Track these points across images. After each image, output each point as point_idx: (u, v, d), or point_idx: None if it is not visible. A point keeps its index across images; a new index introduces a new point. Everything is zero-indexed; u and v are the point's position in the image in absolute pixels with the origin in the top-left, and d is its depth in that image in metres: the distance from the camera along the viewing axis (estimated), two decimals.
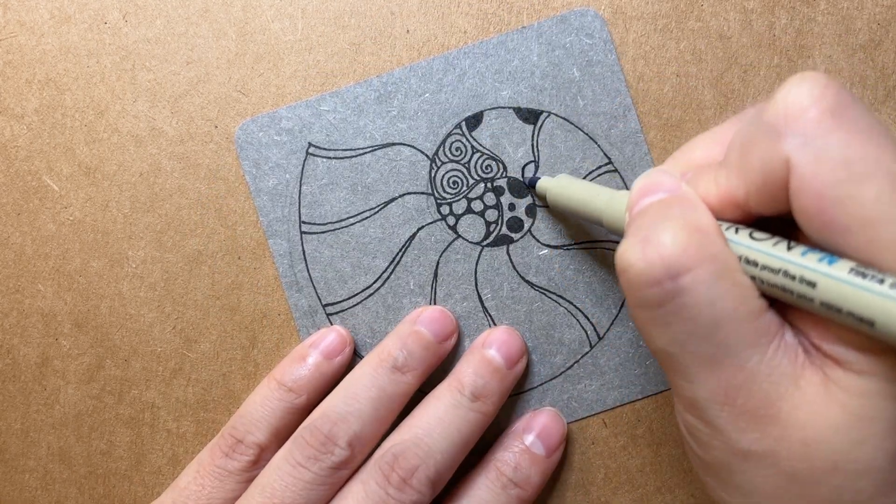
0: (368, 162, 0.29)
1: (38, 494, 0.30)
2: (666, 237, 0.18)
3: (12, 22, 0.29)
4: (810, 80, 0.17)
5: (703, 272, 0.17)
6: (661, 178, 0.20)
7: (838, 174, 0.16)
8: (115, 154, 0.29)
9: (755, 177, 0.18)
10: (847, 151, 0.16)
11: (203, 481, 0.26)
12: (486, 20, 0.29)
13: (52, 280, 0.29)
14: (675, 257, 0.18)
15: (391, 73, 0.29)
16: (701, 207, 0.19)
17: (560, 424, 0.28)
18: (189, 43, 0.29)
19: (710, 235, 0.18)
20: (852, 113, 0.17)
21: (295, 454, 0.25)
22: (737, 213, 0.19)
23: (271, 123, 0.29)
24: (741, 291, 0.18)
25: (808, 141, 0.16)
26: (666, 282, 0.18)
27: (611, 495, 0.29)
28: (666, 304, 0.18)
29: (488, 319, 0.29)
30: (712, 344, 0.18)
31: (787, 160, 0.17)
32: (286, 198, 0.29)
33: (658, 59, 0.29)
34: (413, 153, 0.29)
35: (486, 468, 0.27)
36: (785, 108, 0.17)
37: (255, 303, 0.29)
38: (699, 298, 0.17)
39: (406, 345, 0.27)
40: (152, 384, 0.29)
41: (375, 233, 0.29)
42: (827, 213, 0.16)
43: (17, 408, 0.30)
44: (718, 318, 0.18)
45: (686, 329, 0.18)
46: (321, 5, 0.29)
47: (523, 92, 0.29)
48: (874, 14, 0.28)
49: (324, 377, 0.28)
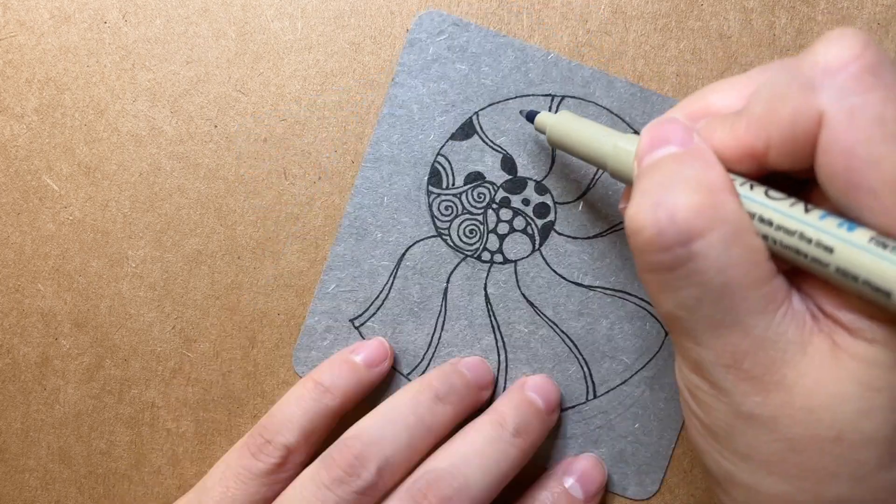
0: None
1: (37, 494, 0.30)
2: (678, 200, 0.17)
3: (12, 21, 0.29)
4: (850, 36, 0.17)
5: (716, 237, 0.17)
6: (672, 129, 0.20)
7: (872, 132, 0.16)
8: (115, 154, 0.29)
9: (783, 129, 0.17)
10: (884, 110, 0.16)
11: (228, 483, 0.26)
12: (486, 20, 0.29)
13: (51, 280, 0.29)
14: (687, 221, 0.17)
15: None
16: (715, 163, 0.19)
17: (601, 471, 0.28)
18: (189, 42, 0.29)
19: (723, 195, 0.18)
20: (890, 74, 0.16)
21: (322, 474, 0.24)
22: (751, 166, 0.19)
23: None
24: (752, 256, 0.18)
25: (845, 96, 0.16)
26: (677, 247, 0.17)
27: (611, 495, 0.29)
28: (676, 269, 0.18)
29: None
30: (720, 309, 0.18)
31: (820, 114, 0.16)
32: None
33: (658, 59, 0.29)
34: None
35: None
36: (823, 62, 0.17)
37: (255, 302, 0.29)
38: (710, 264, 0.17)
39: (449, 379, 0.26)
40: (152, 384, 0.29)
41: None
42: (855, 171, 0.16)
43: (17, 407, 0.30)
44: (728, 284, 0.17)
45: (695, 294, 0.18)
46: (321, 5, 0.29)
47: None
48: (874, 14, 0.28)
49: (361, 384, 0.27)
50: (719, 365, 0.18)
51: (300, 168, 0.29)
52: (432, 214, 0.29)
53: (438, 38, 0.28)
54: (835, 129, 0.16)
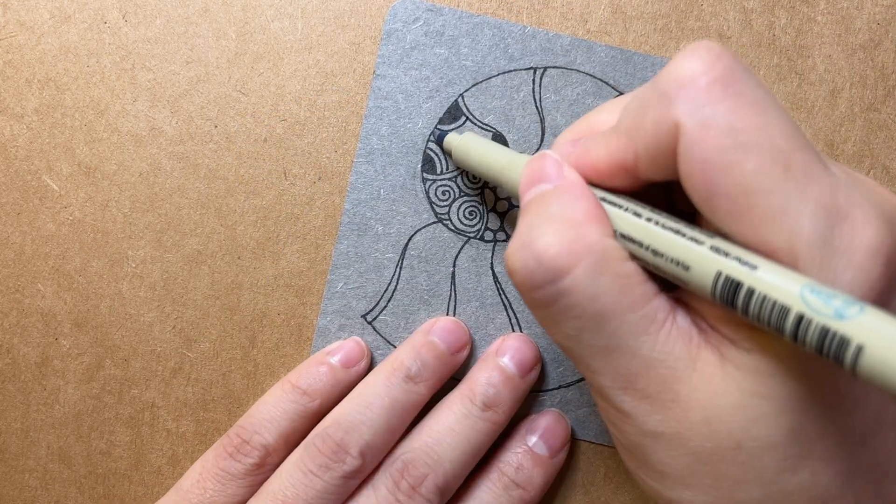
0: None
1: (37, 494, 0.30)
2: (543, 241, 0.18)
3: (12, 21, 0.29)
4: (703, 49, 0.17)
5: (581, 270, 0.18)
6: (545, 166, 0.21)
7: (723, 141, 0.16)
8: (115, 154, 0.29)
9: (646, 140, 0.18)
10: (733, 120, 0.16)
11: (205, 484, 0.26)
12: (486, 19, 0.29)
13: (51, 280, 0.29)
14: (552, 260, 0.18)
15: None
16: (580, 196, 0.19)
17: (564, 426, 0.28)
18: (189, 42, 0.29)
19: (586, 228, 0.18)
20: (742, 84, 0.17)
21: (306, 461, 0.25)
22: (627, 180, 0.19)
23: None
24: (622, 282, 0.18)
25: (697, 108, 0.17)
26: (548, 285, 0.18)
27: (611, 494, 0.29)
28: (552, 305, 0.18)
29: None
30: (603, 336, 0.18)
31: (676, 125, 0.17)
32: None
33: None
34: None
35: (489, 470, 0.27)
36: (677, 76, 0.17)
37: (255, 302, 0.29)
38: (581, 297, 0.18)
39: (420, 355, 0.27)
40: (152, 384, 0.29)
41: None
42: (711, 179, 0.17)
43: (17, 407, 0.30)
44: (603, 313, 0.18)
45: (576, 325, 0.18)
46: (321, 5, 0.29)
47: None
48: (874, 14, 0.28)
49: (339, 385, 0.28)
50: (616, 388, 0.19)
51: (300, 168, 0.29)
52: (430, 201, 0.29)
53: (414, 26, 0.28)
54: (690, 140, 0.17)
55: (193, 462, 0.29)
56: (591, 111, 0.22)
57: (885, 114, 0.29)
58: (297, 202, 0.29)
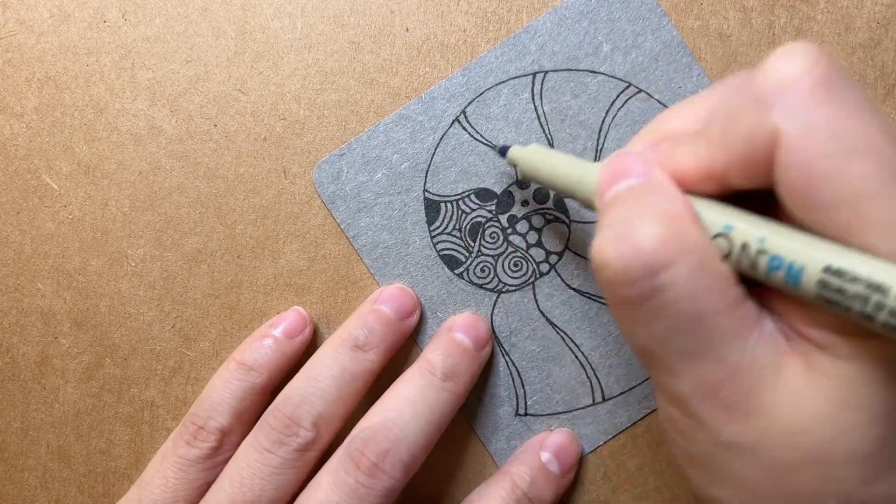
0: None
1: (37, 493, 0.30)
2: (642, 231, 0.17)
3: (11, 20, 0.29)
4: (801, 50, 0.16)
5: (683, 267, 0.17)
6: (630, 162, 0.19)
7: (828, 148, 0.16)
8: (115, 153, 0.29)
9: (739, 148, 0.17)
10: (837, 125, 0.16)
11: (167, 473, 0.26)
12: (486, 19, 0.29)
13: (51, 279, 0.29)
14: (652, 253, 0.17)
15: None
16: (675, 193, 0.18)
17: (575, 446, 0.28)
18: (188, 41, 0.29)
19: (686, 224, 0.17)
20: (843, 87, 0.16)
21: (260, 439, 0.25)
22: (714, 187, 0.18)
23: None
24: (721, 282, 0.17)
25: (798, 113, 0.16)
26: (645, 280, 0.17)
27: (610, 494, 0.29)
28: (645, 303, 0.17)
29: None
30: (694, 339, 0.17)
31: (774, 132, 0.16)
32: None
33: None
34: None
35: (502, 479, 0.27)
36: (775, 79, 0.16)
37: (255, 301, 0.29)
38: (680, 294, 0.17)
39: (366, 323, 0.27)
40: (151, 383, 0.29)
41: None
42: (814, 187, 0.16)
43: (17, 406, 0.30)
44: (700, 313, 0.17)
45: (667, 326, 0.17)
46: (321, 4, 0.29)
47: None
48: (874, 13, 0.28)
49: (284, 356, 0.27)
50: (696, 397, 0.18)
51: (300, 167, 0.29)
52: (474, 284, 0.29)
53: (344, 176, 0.28)
54: (790, 147, 0.16)
55: None
56: (662, 115, 0.21)
57: (885, 113, 0.28)
58: (296, 201, 0.29)
